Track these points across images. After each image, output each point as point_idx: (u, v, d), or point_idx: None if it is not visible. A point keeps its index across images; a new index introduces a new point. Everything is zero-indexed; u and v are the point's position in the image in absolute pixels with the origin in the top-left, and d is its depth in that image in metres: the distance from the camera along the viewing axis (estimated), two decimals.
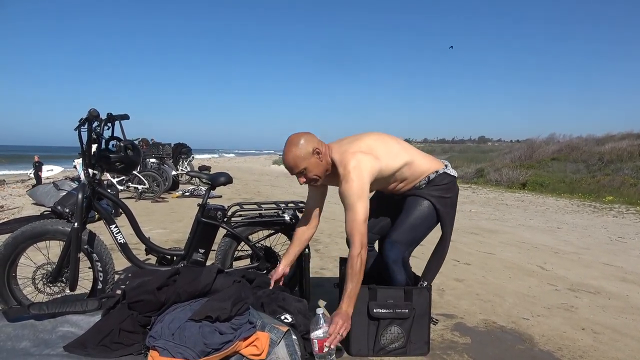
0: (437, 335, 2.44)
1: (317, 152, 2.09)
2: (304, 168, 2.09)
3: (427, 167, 2.24)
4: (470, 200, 10.02)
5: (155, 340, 1.74)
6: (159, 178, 8.44)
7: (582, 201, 10.09)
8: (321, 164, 2.11)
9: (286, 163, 2.13)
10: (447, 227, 2.29)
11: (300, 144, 2.08)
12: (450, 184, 2.26)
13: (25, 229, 2.32)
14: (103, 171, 2.53)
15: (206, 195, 2.66)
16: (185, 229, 5.24)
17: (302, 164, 2.08)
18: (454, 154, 25.82)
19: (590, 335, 2.53)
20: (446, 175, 2.25)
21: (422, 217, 2.22)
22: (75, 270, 2.28)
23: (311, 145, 2.08)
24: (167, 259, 2.65)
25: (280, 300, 2.13)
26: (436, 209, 2.22)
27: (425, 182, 2.24)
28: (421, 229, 2.24)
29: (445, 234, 2.31)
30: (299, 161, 2.08)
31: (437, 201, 2.21)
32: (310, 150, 2.08)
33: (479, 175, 16.00)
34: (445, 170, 2.26)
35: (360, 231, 2.01)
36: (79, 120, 2.37)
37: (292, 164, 2.09)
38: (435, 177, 2.23)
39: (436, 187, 2.23)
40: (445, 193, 2.24)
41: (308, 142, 2.08)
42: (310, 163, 2.09)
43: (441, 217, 2.24)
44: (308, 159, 2.08)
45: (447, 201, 2.24)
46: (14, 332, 1.88)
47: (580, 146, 16.90)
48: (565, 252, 4.76)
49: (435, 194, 2.22)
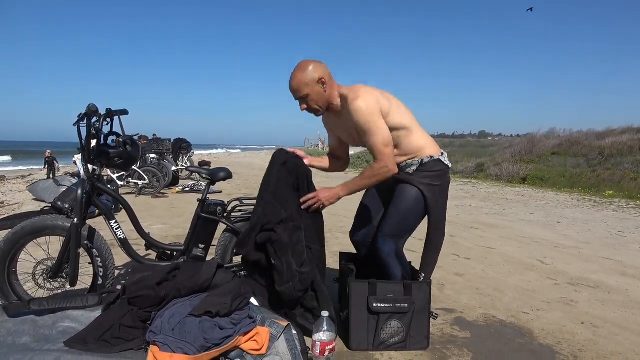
0: (437, 329, 2.45)
1: (322, 82, 2.11)
2: (306, 94, 2.12)
3: (423, 144, 2.21)
4: (471, 195, 10.01)
5: (155, 335, 1.74)
6: (159, 173, 8.44)
7: (582, 195, 10.09)
8: (324, 95, 2.13)
9: (290, 86, 2.14)
10: (435, 217, 2.24)
11: (307, 69, 2.09)
12: (441, 172, 2.22)
13: (25, 224, 2.32)
14: (102, 167, 2.52)
15: (206, 191, 2.65)
16: (185, 224, 5.24)
17: (305, 90, 2.10)
18: (454, 149, 25.79)
19: (590, 329, 2.53)
20: (439, 163, 2.21)
21: (410, 206, 2.20)
22: (75, 265, 2.29)
23: (318, 73, 2.09)
24: (167, 255, 2.65)
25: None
26: (424, 196, 2.18)
27: (417, 165, 2.20)
28: (410, 219, 2.22)
29: (434, 224, 2.26)
30: (302, 86, 2.10)
31: (426, 188, 2.18)
32: (315, 78, 2.09)
33: (479, 170, 16.00)
34: (440, 157, 2.22)
35: (383, 154, 2.03)
36: (78, 116, 2.36)
37: (295, 87, 2.12)
38: (429, 162, 2.20)
39: (426, 173, 2.19)
40: (435, 181, 2.20)
41: (315, 70, 2.09)
42: (313, 91, 2.11)
43: (429, 205, 2.20)
44: (312, 86, 2.10)
45: (435, 189, 2.20)
46: (15, 327, 1.88)
47: (580, 140, 16.87)
48: (565, 247, 4.76)
49: (424, 181, 2.18)
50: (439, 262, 2.63)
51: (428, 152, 2.21)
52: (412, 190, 2.20)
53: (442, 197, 2.25)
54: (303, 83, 2.09)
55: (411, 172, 2.21)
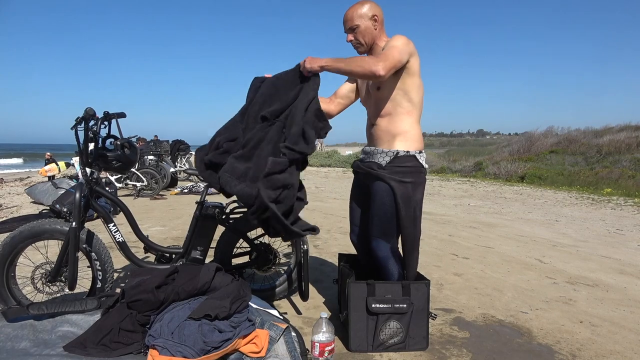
0: (436, 329, 2.46)
1: (374, 19, 2.20)
2: (356, 25, 2.20)
3: (408, 129, 2.18)
4: (469, 193, 10.03)
5: (154, 339, 1.74)
6: (157, 175, 8.43)
7: (580, 194, 10.11)
8: (373, 32, 2.21)
9: (345, 16, 2.24)
10: (405, 214, 2.17)
11: (365, 4, 2.20)
12: (413, 168, 2.17)
13: (24, 228, 2.31)
14: (100, 170, 2.52)
15: (204, 193, 2.65)
16: (184, 226, 5.24)
17: (357, 20, 2.20)
18: (453, 148, 25.83)
19: (589, 328, 2.54)
20: (412, 159, 2.17)
21: (383, 203, 2.18)
22: (74, 269, 2.28)
23: (373, 11, 2.20)
24: (166, 257, 2.65)
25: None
26: (393, 192, 2.15)
27: (392, 157, 2.17)
28: (389, 216, 2.19)
29: (404, 220, 2.17)
30: (355, 17, 2.20)
31: (396, 184, 2.15)
32: (370, 14, 2.19)
33: (477, 169, 16.04)
34: (415, 154, 2.18)
35: (384, 59, 2.01)
36: (76, 119, 2.36)
37: (349, 16, 2.21)
38: (403, 156, 2.16)
39: (397, 168, 2.16)
40: (406, 177, 2.16)
41: (372, 8, 2.20)
42: (365, 24, 2.20)
43: (397, 201, 2.15)
44: (365, 19, 2.19)
45: (408, 186, 2.16)
46: (14, 332, 1.88)
47: (578, 139, 16.92)
48: (564, 245, 4.78)
49: (395, 177, 2.15)
50: (437, 261, 2.65)
51: (407, 145, 2.18)
52: (382, 187, 2.18)
53: (414, 194, 2.19)
54: (357, 14, 2.19)
55: (384, 164, 2.18)
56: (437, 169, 17.79)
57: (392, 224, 2.20)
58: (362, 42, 2.24)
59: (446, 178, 14.78)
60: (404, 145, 2.18)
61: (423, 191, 2.25)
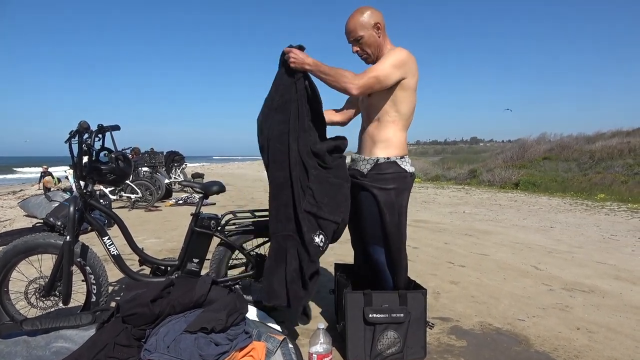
0: (434, 339, 2.45)
1: (377, 27, 2.17)
2: (360, 36, 2.17)
3: (390, 136, 2.18)
4: (464, 201, 10.06)
5: (150, 353, 1.73)
6: (151, 187, 8.41)
7: (574, 199, 10.16)
8: (377, 40, 2.19)
9: (346, 28, 2.21)
10: (389, 220, 2.16)
11: (365, 13, 2.16)
12: (395, 174, 2.17)
13: (17, 243, 2.29)
14: (95, 183, 2.51)
15: (199, 205, 2.65)
16: (179, 237, 5.21)
17: (360, 31, 2.17)
18: (447, 155, 25.94)
19: (586, 335, 2.54)
20: (394, 165, 2.17)
21: (371, 212, 2.19)
22: (68, 284, 2.26)
23: (374, 19, 2.16)
24: (162, 270, 2.63)
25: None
26: (376, 200, 2.16)
27: (372, 164, 2.18)
28: (376, 223, 2.19)
29: (388, 227, 2.17)
30: (358, 27, 2.17)
31: (378, 192, 2.16)
32: (372, 23, 2.16)
33: (472, 176, 16.09)
34: (396, 160, 2.18)
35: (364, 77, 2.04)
36: (69, 133, 2.35)
37: (352, 28, 2.18)
38: (383, 163, 2.17)
39: (378, 176, 2.17)
40: (387, 184, 2.16)
41: (373, 15, 2.17)
42: (368, 34, 2.17)
43: (381, 208, 2.16)
44: (368, 29, 2.16)
45: (390, 192, 2.16)
46: (7, 349, 1.85)
47: (571, 145, 17.04)
48: (559, 252, 4.79)
49: (376, 185, 2.16)
50: (434, 270, 2.64)
51: (387, 152, 2.18)
52: (366, 195, 2.20)
53: (398, 199, 2.18)
54: (360, 25, 2.16)
55: (365, 172, 2.20)
56: (431, 176, 17.84)
57: (379, 230, 2.21)
58: (369, 53, 2.22)
59: (441, 186, 14.83)
60: (384, 152, 2.19)
61: (408, 196, 2.25)
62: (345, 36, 2.24)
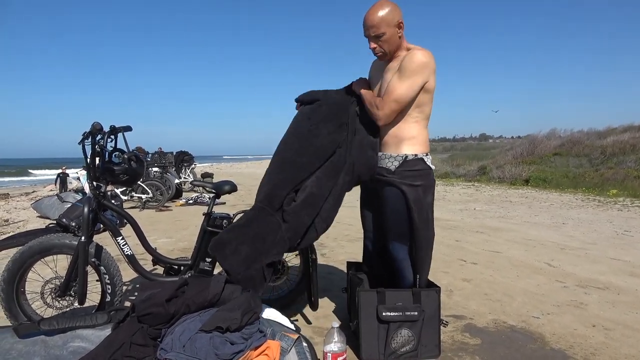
0: (448, 337, 2.44)
1: (399, 26, 2.10)
2: (382, 33, 2.08)
3: (415, 134, 2.18)
4: (474, 198, 10.00)
5: (166, 352, 1.74)
6: (162, 187, 8.46)
7: (586, 195, 10.06)
8: (397, 39, 2.12)
9: (369, 21, 2.08)
10: (418, 216, 2.16)
11: (389, 9, 2.07)
12: (422, 171, 2.18)
13: (33, 244, 2.32)
14: (108, 183, 2.53)
15: (211, 204, 2.65)
16: (190, 237, 5.24)
17: (384, 28, 2.07)
18: (456, 152, 25.78)
19: (602, 332, 2.52)
20: (421, 162, 2.18)
21: (395, 208, 2.19)
22: (83, 284, 2.29)
23: (397, 16, 2.08)
24: (174, 269, 2.64)
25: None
26: (405, 196, 2.16)
27: (400, 161, 2.17)
28: (403, 221, 2.19)
29: (417, 223, 2.17)
30: (383, 24, 2.06)
31: (407, 188, 2.15)
32: (396, 20, 2.07)
33: (481, 173, 15.99)
34: (423, 157, 2.19)
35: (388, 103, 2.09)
36: (83, 134, 2.38)
37: (375, 22, 2.06)
38: (411, 160, 2.17)
39: (407, 172, 2.16)
40: (415, 180, 2.16)
41: (397, 12, 2.08)
42: (390, 32, 2.08)
43: (410, 205, 2.15)
44: (391, 27, 2.07)
45: (418, 189, 2.16)
46: (25, 348, 1.87)
47: (582, 140, 16.86)
48: (572, 248, 4.74)
49: (405, 182, 2.15)
50: (446, 267, 2.62)
51: (414, 149, 2.18)
52: (394, 192, 2.18)
53: (425, 196, 2.19)
54: (384, 21, 2.05)
55: (393, 169, 2.18)
56: (441, 173, 17.76)
57: (405, 227, 2.20)
58: (387, 52, 2.15)
59: (450, 183, 14.75)
60: (411, 149, 2.18)
61: (434, 193, 2.26)
62: (364, 30, 2.12)
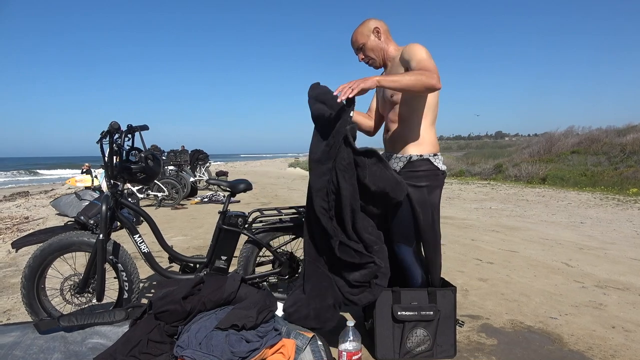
0: (464, 337, 2.42)
1: (376, 31, 2.25)
2: (362, 44, 2.27)
3: (421, 133, 2.16)
4: (490, 197, 9.89)
5: (182, 349, 1.76)
6: (177, 185, 8.54)
7: (604, 194, 9.87)
8: (379, 43, 2.26)
9: (351, 41, 2.33)
10: (423, 218, 2.15)
11: (362, 23, 2.28)
12: (428, 172, 2.15)
13: (53, 241, 2.36)
14: (125, 182, 2.57)
15: (227, 203, 2.67)
16: (205, 235, 5.29)
17: (362, 39, 2.27)
18: (471, 150, 25.52)
19: (622, 334, 2.47)
20: (427, 162, 2.15)
21: (402, 210, 2.16)
22: (101, 281, 2.32)
23: (372, 24, 2.25)
24: (190, 267, 2.67)
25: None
26: (409, 197, 2.13)
27: (405, 162, 2.16)
28: (408, 222, 2.17)
29: (422, 225, 2.16)
30: (359, 37, 2.27)
31: (411, 190, 2.13)
32: (371, 28, 2.25)
33: (497, 171, 15.81)
34: (429, 157, 2.16)
35: (434, 71, 1.95)
36: (101, 133, 2.41)
37: (354, 39, 2.30)
38: (416, 160, 2.15)
39: (411, 173, 2.14)
40: (420, 181, 2.14)
41: (371, 22, 2.26)
42: (369, 40, 2.25)
43: (414, 206, 2.13)
44: (368, 35, 2.25)
45: (423, 190, 2.14)
46: (46, 344, 1.92)
47: (600, 138, 16.57)
48: (591, 248, 4.66)
49: (409, 182, 2.13)
50: (461, 267, 2.60)
51: (420, 149, 2.16)
52: None
53: (430, 197, 2.17)
54: (360, 33, 2.27)
55: (398, 170, 2.17)
56: (455, 172, 17.60)
57: (410, 228, 2.19)
58: (373, 57, 2.28)
59: (465, 181, 14.61)
60: (417, 149, 2.17)
61: (440, 194, 2.23)
62: (352, 48, 2.34)
